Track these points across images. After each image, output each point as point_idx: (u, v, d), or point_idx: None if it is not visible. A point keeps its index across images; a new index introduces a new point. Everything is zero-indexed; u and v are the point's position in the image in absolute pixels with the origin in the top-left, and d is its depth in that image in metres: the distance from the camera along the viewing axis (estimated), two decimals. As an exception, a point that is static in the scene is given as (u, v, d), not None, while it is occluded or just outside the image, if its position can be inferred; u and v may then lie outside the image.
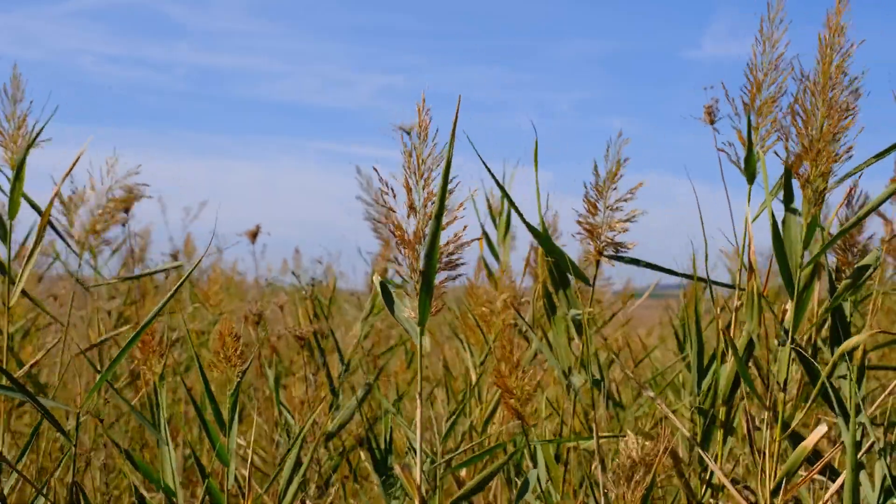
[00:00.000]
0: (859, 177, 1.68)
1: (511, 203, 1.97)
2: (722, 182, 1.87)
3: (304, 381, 2.45)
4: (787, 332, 1.68)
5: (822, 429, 1.55)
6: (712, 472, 1.88)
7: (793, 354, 1.66)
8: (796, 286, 1.63)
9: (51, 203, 2.37)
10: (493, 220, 3.21)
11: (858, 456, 1.64)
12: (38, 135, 2.46)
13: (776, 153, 1.69)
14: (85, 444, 2.80)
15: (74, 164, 2.46)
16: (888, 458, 1.71)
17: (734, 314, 1.76)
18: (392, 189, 1.51)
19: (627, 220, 1.89)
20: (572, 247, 3.99)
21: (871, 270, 1.70)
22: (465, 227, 1.53)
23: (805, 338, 1.79)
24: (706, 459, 1.70)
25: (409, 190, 1.51)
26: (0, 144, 2.45)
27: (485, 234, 3.16)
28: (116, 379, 3.42)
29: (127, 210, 2.53)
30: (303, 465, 2.12)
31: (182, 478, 2.61)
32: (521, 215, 1.90)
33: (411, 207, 1.51)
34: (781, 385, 1.66)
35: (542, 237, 1.95)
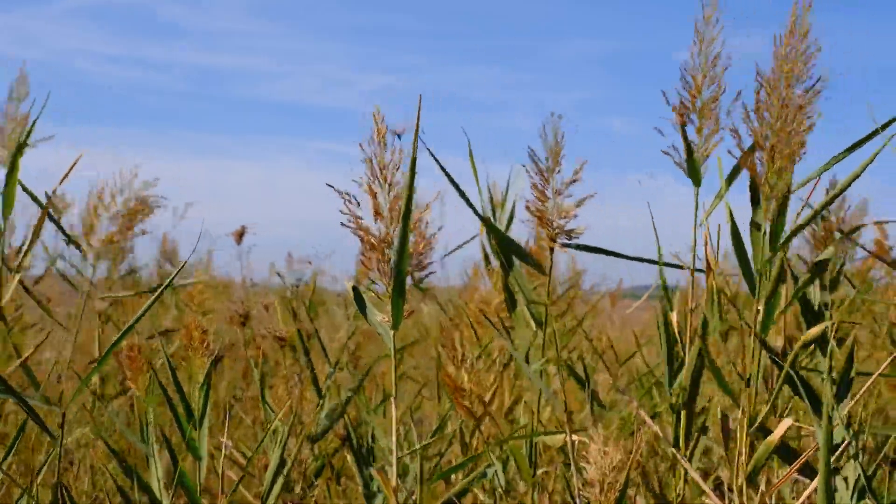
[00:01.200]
0: (818, 181, 1.68)
1: (458, 189, 1.96)
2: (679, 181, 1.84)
3: (286, 382, 2.46)
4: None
5: (788, 422, 1.56)
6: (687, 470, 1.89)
7: (762, 350, 1.67)
8: (758, 284, 1.65)
9: (48, 203, 2.37)
10: (494, 215, 3.21)
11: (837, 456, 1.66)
12: (30, 132, 2.46)
13: (729, 152, 1.70)
14: (71, 446, 2.81)
15: (72, 168, 2.47)
16: (861, 459, 1.73)
17: (689, 314, 1.75)
18: (355, 198, 1.52)
19: (578, 206, 1.89)
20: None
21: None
22: (428, 224, 1.53)
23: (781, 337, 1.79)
24: (679, 458, 1.71)
25: (373, 195, 1.52)
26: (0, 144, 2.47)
27: (488, 225, 3.18)
28: (106, 383, 3.42)
29: (142, 221, 2.54)
30: (286, 464, 2.13)
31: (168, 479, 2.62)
32: (466, 199, 1.88)
33: (377, 212, 1.53)
34: (746, 381, 1.67)
35: (487, 221, 1.95)
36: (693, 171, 1.78)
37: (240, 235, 4.34)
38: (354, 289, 1.57)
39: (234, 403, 3.50)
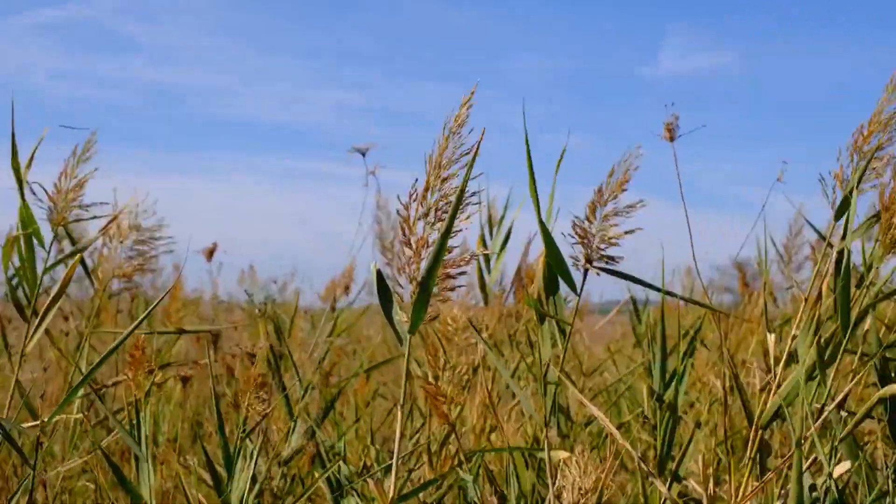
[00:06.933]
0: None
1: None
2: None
3: (259, 401, 2.46)
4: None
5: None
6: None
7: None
8: (850, 325, 1.69)
9: (80, 256, 2.25)
10: (491, 231, 3.23)
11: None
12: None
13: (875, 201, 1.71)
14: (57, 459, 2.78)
15: (114, 219, 2.40)
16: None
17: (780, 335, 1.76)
18: (403, 202, 1.43)
19: (623, 234, 1.82)
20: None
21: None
22: (464, 240, 1.47)
23: None
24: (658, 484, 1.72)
25: (428, 186, 1.43)
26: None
27: (483, 243, 3.19)
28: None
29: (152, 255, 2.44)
30: (256, 483, 2.13)
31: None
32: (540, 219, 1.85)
33: (426, 211, 1.44)
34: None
35: (546, 234, 1.92)
36: (842, 208, 1.77)
37: (210, 253, 4.34)
38: (379, 274, 1.47)
39: (207, 422, 3.49)
